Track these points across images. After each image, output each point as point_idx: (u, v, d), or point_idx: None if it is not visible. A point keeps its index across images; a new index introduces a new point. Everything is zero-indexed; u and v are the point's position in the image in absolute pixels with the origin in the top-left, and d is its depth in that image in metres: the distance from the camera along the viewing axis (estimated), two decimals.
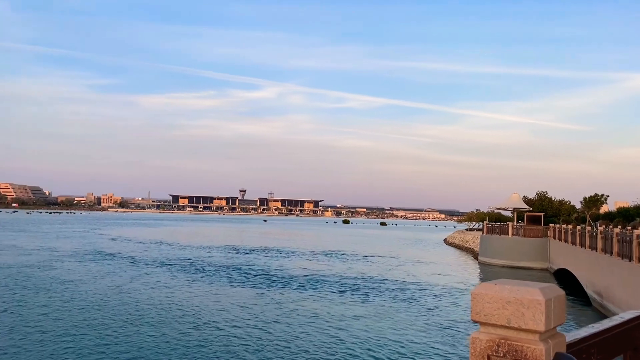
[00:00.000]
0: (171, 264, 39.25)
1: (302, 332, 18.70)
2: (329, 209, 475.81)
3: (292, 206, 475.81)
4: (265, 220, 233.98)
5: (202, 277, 32.53)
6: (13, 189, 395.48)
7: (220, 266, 38.99)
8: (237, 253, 51.72)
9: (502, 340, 1.55)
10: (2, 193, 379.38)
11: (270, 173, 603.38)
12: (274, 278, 33.13)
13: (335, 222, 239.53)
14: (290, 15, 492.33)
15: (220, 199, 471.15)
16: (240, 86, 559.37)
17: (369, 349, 16.50)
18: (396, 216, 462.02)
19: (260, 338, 17.64)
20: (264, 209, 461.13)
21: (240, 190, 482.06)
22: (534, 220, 46.76)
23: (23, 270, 33.08)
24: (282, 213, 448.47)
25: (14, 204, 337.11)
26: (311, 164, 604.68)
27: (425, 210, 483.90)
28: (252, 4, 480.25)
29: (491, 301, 1.57)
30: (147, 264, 38.77)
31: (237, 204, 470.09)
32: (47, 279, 29.36)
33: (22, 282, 28.17)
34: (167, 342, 16.70)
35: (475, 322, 1.58)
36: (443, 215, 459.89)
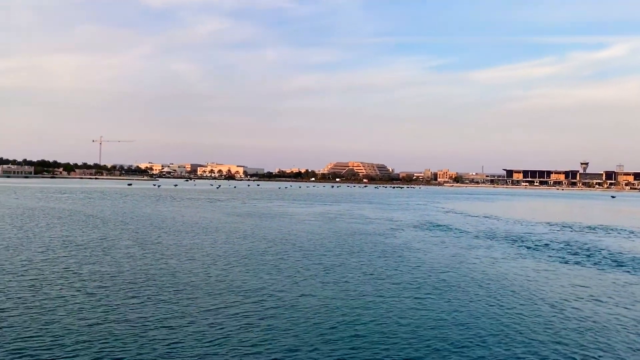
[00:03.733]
0: (501, 238, 39.17)
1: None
2: None
3: None
4: (613, 197, 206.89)
5: (531, 253, 31.56)
6: (364, 166, 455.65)
7: (552, 243, 36.91)
8: (573, 231, 47.79)
9: None
10: (355, 170, 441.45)
11: (619, 142, 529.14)
12: (617, 261, 29.54)
13: None
14: None
15: (558, 172, 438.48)
16: (582, 47, 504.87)
17: None
18: None
19: (590, 324, 16.35)
20: (611, 184, 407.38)
21: (582, 163, 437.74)
22: None
23: (369, 237, 38.37)
24: (636, 188, 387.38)
25: (364, 180, 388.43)
26: None
27: None
28: None
29: None
30: (477, 237, 39.73)
31: (577, 178, 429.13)
32: (389, 245, 33.38)
33: (369, 247, 32.80)
34: (494, 311, 17.14)
35: None
36: None
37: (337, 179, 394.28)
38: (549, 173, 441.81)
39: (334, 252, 29.29)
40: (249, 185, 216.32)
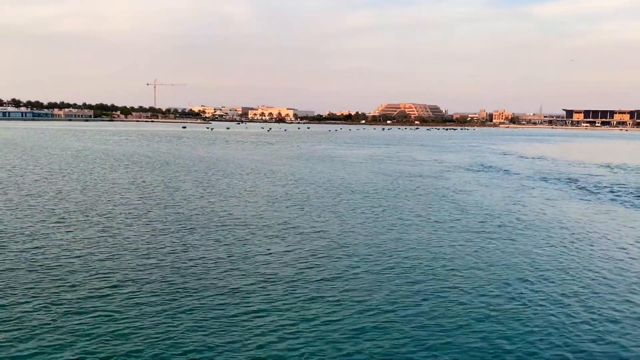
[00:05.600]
0: (557, 180, 38.11)
1: None
2: None
3: None
4: None
5: (589, 195, 30.68)
6: (415, 108, 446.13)
7: (611, 185, 35.62)
8: (633, 173, 45.77)
9: None
10: (407, 112, 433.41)
11: None
12: None
13: None
14: None
15: (622, 112, 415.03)
16: None
17: None
18: None
19: None
20: None
21: None
22: None
23: (421, 179, 38.21)
24: None
25: (416, 122, 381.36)
26: None
27: None
28: None
29: None
30: (532, 179, 38.80)
31: None
32: (442, 187, 33.19)
33: (422, 189, 32.75)
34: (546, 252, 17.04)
35: None
36: None
37: (388, 121, 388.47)
38: (612, 113, 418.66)
39: (386, 195, 29.47)
40: (299, 128, 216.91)
